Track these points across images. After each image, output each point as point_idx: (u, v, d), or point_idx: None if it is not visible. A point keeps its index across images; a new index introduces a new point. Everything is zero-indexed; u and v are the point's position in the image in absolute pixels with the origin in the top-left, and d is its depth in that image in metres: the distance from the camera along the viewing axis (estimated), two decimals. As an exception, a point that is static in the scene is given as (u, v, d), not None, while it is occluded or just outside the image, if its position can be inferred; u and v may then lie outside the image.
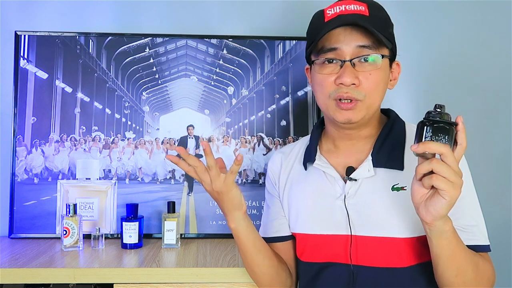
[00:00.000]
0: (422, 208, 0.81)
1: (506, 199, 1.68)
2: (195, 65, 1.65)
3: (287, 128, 1.64)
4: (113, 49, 1.63)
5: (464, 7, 1.70)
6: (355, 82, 0.94)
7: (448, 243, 0.85)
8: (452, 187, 0.76)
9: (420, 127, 0.79)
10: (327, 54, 0.97)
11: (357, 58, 0.95)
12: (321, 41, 0.97)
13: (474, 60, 1.70)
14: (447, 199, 0.76)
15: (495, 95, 1.70)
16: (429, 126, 0.78)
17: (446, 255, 0.86)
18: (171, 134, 1.63)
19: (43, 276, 1.21)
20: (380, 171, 1.00)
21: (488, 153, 1.68)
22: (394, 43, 1.00)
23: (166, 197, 1.58)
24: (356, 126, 1.01)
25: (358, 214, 0.99)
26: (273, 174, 1.17)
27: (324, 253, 1.03)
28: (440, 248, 0.85)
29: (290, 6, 1.69)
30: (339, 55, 0.96)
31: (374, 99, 0.98)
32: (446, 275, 0.89)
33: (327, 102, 0.99)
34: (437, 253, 0.87)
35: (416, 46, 1.68)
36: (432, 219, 0.80)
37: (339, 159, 1.05)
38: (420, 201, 0.81)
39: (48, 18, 1.64)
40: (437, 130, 0.77)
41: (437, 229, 0.82)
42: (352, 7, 0.96)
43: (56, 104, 1.60)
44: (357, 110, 0.96)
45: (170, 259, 1.33)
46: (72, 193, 1.56)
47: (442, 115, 0.79)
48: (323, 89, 0.98)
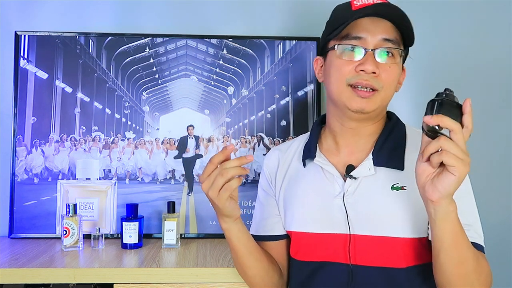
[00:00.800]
0: (428, 187, 0.81)
1: (506, 199, 1.68)
2: (195, 65, 1.65)
3: (287, 128, 1.64)
4: (113, 49, 1.63)
5: (464, 7, 1.70)
6: (376, 71, 0.95)
7: (452, 227, 0.83)
8: (462, 163, 0.76)
9: (431, 104, 0.79)
10: (352, 41, 0.97)
11: (380, 49, 0.96)
12: (346, 29, 0.97)
13: (474, 60, 1.70)
14: (457, 175, 0.76)
15: (495, 95, 1.70)
16: (441, 103, 0.78)
17: (449, 240, 0.84)
18: (171, 134, 1.63)
19: (43, 276, 1.21)
20: (380, 170, 1.00)
21: (488, 153, 1.68)
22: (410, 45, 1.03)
23: (166, 197, 1.58)
24: (366, 117, 1.00)
25: (356, 213, 0.99)
26: (270, 171, 1.16)
27: (321, 252, 1.02)
28: (443, 231, 0.84)
29: (290, 6, 1.69)
30: (363, 43, 0.97)
31: (389, 93, 0.99)
32: (448, 265, 0.87)
33: (342, 89, 0.98)
34: (440, 238, 0.85)
35: (415, 46, 1.67)
36: (439, 196, 0.80)
37: (339, 157, 1.05)
38: (427, 180, 0.81)
39: (48, 18, 1.64)
40: (448, 108, 0.78)
41: (443, 209, 0.81)
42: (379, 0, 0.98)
43: (56, 104, 1.60)
44: (373, 101, 0.97)
45: (170, 259, 1.33)
46: (72, 193, 1.56)
47: (451, 97, 0.80)
48: (340, 74, 0.98)
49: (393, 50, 0.97)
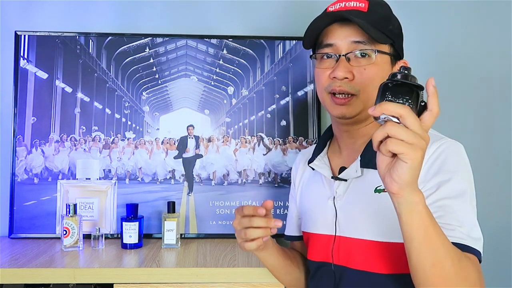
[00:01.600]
0: (387, 178, 0.72)
1: (506, 199, 1.68)
2: (195, 65, 1.65)
3: (287, 128, 1.64)
4: (113, 49, 1.63)
5: (464, 7, 1.70)
6: (348, 76, 0.96)
7: (420, 221, 0.73)
8: (412, 149, 0.66)
9: (381, 88, 0.70)
10: (324, 49, 0.99)
11: (352, 53, 0.96)
12: (320, 37, 1.00)
13: (474, 60, 1.70)
14: (408, 163, 0.67)
15: (495, 95, 1.70)
16: (385, 87, 0.69)
17: (419, 236, 0.74)
18: (171, 134, 1.63)
19: (43, 276, 1.20)
20: (368, 172, 0.98)
21: (488, 153, 1.68)
22: (396, 41, 1.00)
23: (166, 197, 1.58)
24: (353, 121, 1.00)
25: (345, 215, 1.00)
26: (293, 175, 1.24)
27: (318, 252, 1.06)
28: (411, 226, 0.74)
29: (290, 6, 1.69)
30: (335, 50, 0.98)
31: (370, 95, 0.96)
32: (421, 265, 0.76)
33: (323, 97, 1.02)
34: (409, 235, 0.75)
35: (416, 46, 1.68)
36: (398, 187, 0.70)
37: (341, 159, 1.06)
38: (385, 171, 0.72)
39: (48, 18, 1.64)
40: (399, 91, 0.68)
41: (405, 201, 0.72)
42: (352, 4, 0.97)
43: (56, 104, 1.60)
44: (352, 106, 0.97)
45: (170, 259, 1.33)
46: (72, 193, 1.56)
47: (407, 77, 0.70)
48: (320, 83, 1.01)
49: (367, 51, 0.96)
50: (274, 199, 1.58)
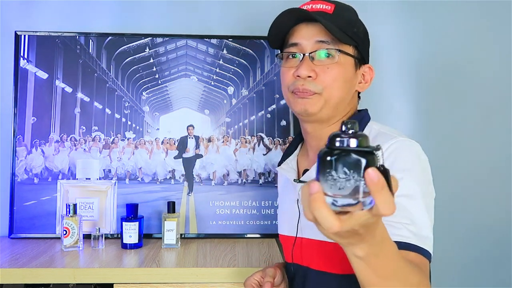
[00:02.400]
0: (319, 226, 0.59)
1: (506, 199, 1.68)
2: (195, 65, 1.65)
3: (287, 128, 1.64)
4: (113, 49, 1.63)
5: (464, 7, 1.69)
6: (311, 74, 0.96)
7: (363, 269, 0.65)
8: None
9: (320, 160, 0.53)
10: (290, 48, 1.01)
11: (316, 52, 0.97)
12: (286, 36, 1.02)
13: (474, 60, 1.70)
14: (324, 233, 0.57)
15: (495, 95, 1.70)
16: (331, 160, 0.52)
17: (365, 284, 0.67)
18: (171, 134, 1.63)
19: (43, 276, 1.21)
20: None
21: (488, 153, 1.67)
22: (360, 44, 1.00)
23: (166, 197, 1.58)
24: (316, 120, 1.00)
25: None
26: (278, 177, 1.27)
27: (287, 254, 1.10)
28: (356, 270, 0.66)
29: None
30: (300, 49, 0.99)
31: (333, 94, 0.97)
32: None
33: (287, 96, 1.03)
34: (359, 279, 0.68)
35: (416, 46, 1.68)
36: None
37: (307, 161, 1.07)
38: None
39: (48, 18, 1.64)
40: (343, 163, 0.51)
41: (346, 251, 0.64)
42: (318, 6, 0.99)
43: (56, 104, 1.60)
44: (314, 102, 0.97)
45: (170, 259, 1.33)
46: (72, 193, 1.56)
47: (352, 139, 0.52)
48: (284, 82, 1.02)
49: (330, 51, 0.97)
50: (274, 199, 1.58)
